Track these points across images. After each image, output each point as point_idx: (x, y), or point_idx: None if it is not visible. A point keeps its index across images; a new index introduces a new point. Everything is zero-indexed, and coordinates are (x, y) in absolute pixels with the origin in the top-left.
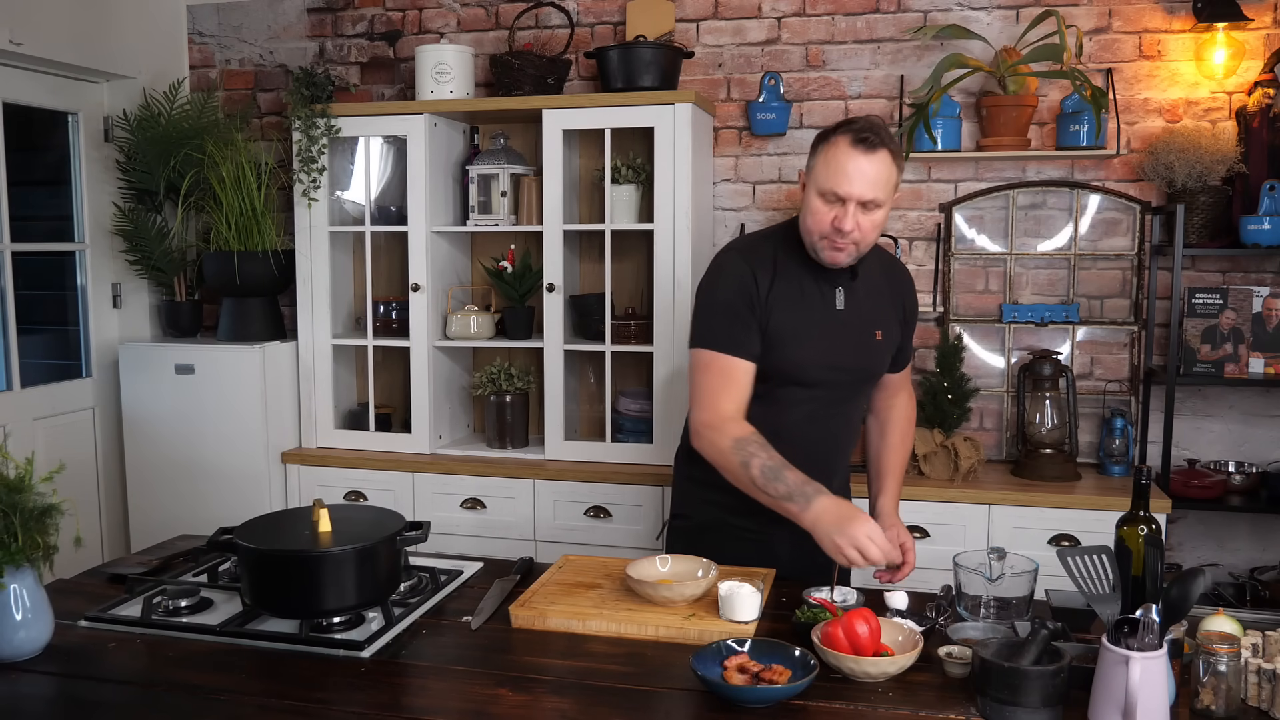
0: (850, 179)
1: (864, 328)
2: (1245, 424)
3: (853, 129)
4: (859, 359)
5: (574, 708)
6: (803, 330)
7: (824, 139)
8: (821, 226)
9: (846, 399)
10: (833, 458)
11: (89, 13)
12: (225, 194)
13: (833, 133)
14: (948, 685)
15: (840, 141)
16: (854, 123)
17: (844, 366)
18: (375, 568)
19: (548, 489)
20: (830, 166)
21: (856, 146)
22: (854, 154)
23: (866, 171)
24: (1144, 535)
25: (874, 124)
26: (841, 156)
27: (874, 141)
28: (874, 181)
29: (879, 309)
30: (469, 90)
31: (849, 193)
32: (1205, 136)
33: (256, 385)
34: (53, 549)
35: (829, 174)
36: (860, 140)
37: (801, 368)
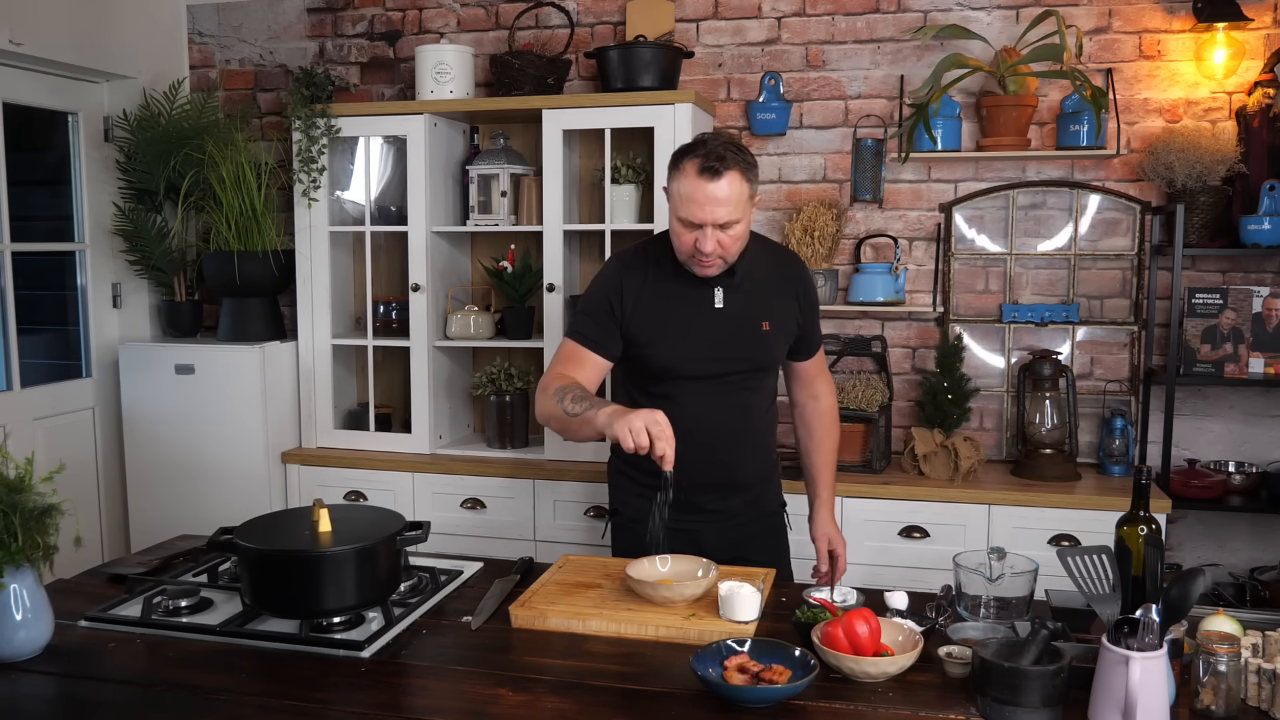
0: (701, 207)
1: (748, 321)
2: (1245, 424)
3: (699, 155)
4: (744, 350)
5: (574, 708)
6: (674, 328)
7: (675, 164)
8: (685, 248)
9: (742, 389)
10: (736, 448)
11: (89, 13)
12: (225, 194)
13: (682, 157)
14: (948, 685)
15: (688, 170)
16: (701, 145)
17: (728, 357)
18: (375, 568)
19: (548, 489)
20: (683, 195)
21: (703, 176)
22: (701, 183)
23: (717, 196)
24: (1144, 535)
25: (722, 147)
26: (690, 186)
27: (719, 168)
28: (726, 204)
29: (767, 302)
30: (469, 90)
31: (702, 219)
32: (1205, 136)
33: (256, 385)
34: (53, 549)
35: (682, 202)
36: (706, 169)
37: (679, 362)
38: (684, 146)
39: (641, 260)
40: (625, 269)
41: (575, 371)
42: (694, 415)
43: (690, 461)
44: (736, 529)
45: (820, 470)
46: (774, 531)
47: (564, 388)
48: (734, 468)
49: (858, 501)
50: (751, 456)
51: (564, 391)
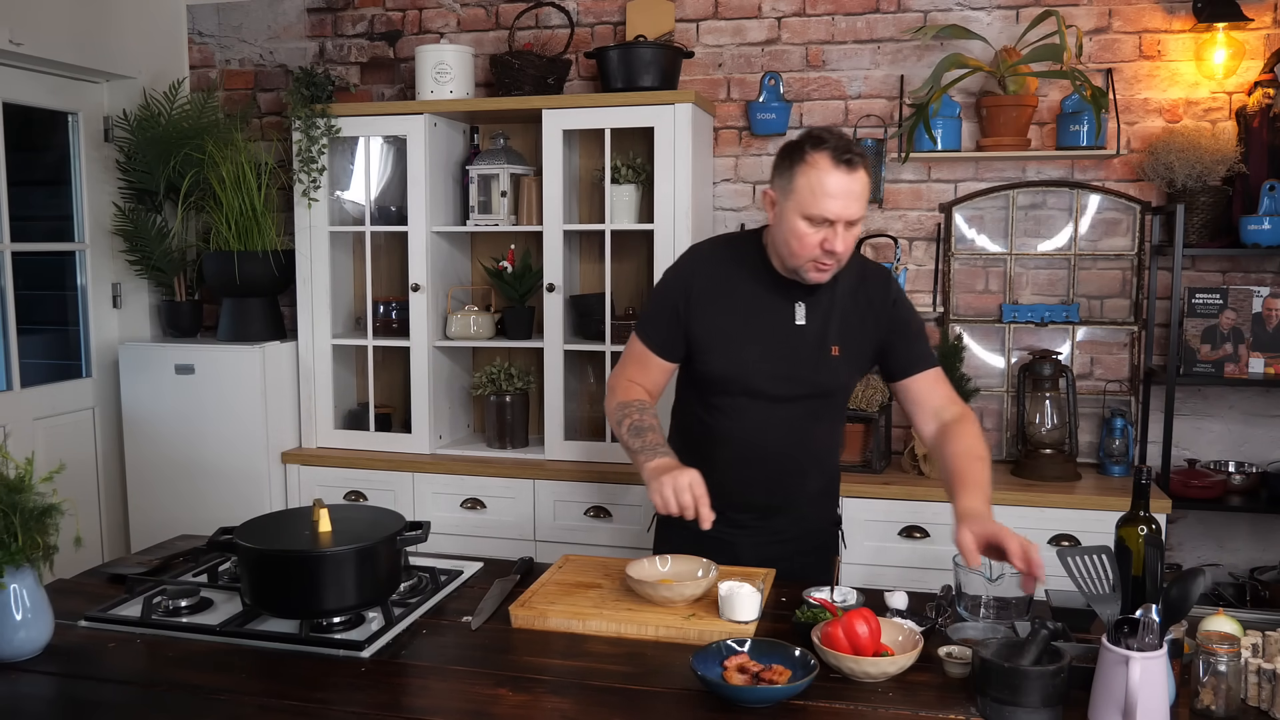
0: (838, 200)
1: (821, 343)
2: (1245, 424)
3: (830, 147)
4: (811, 373)
5: (574, 708)
6: (744, 340)
7: (798, 157)
8: (809, 250)
9: (803, 412)
10: (787, 471)
11: (89, 13)
12: (225, 194)
13: (806, 150)
14: (948, 685)
15: (820, 162)
16: (824, 139)
17: (794, 379)
18: (375, 568)
19: (548, 489)
20: (814, 189)
21: (840, 167)
22: (837, 174)
23: (852, 191)
24: (1144, 535)
25: (846, 139)
26: (825, 178)
27: (854, 160)
28: (860, 199)
29: (841, 323)
30: (469, 90)
31: (838, 215)
32: (1205, 136)
33: (256, 385)
34: (53, 549)
35: (814, 197)
36: (843, 161)
37: (740, 376)
38: (800, 139)
39: (723, 257)
40: (700, 267)
41: (641, 374)
42: (748, 434)
43: (737, 480)
44: (776, 545)
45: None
46: (820, 549)
47: (625, 406)
48: (783, 491)
49: (858, 501)
50: (802, 480)
51: (625, 412)
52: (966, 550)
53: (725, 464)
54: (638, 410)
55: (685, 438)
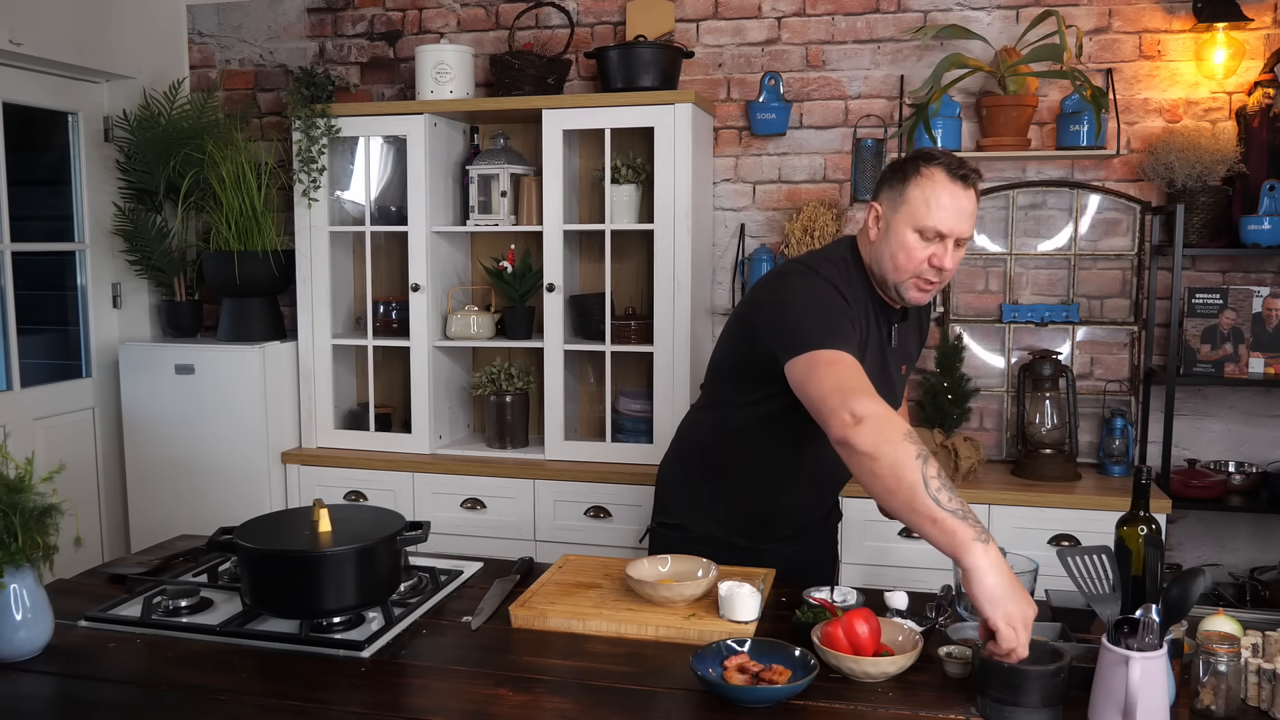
0: (954, 215)
1: (899, 364)
2: (1245, 424)
3: (945, 163)
4: (893, 394)
5: (574, 708)
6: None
7: (912, 170)
8: (916, 265)
9: None
10: (838, 492)
11: (89, 13)
12: (225, 194)
13: (920, 164)
14: (948, 685)
15: (937, 175)
16: (938, 156)
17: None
18: (375, 568)
19: (548, 489)
20: (930, 201)
21: (956, 181)
22: (954, 189)
23: (966, 207)
24: (1144, 535)
25: (957, 157)
26: (942, 192)
27: (970, 177)
28: (970, 219)
29: (909, 343)
30: (469, 90)
31: (952, 229)
32: (1205, 136)
33: (256, 385)
34: (53, 549)
35: (929, 210)
36: (960, 176)
37: None
38: (915, 156)
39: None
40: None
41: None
42: (828, 460)
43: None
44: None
45: None
46: (827, 544)
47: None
48: (829, 505)
49: (858, 502)
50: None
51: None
52: None
53: (791, 486)
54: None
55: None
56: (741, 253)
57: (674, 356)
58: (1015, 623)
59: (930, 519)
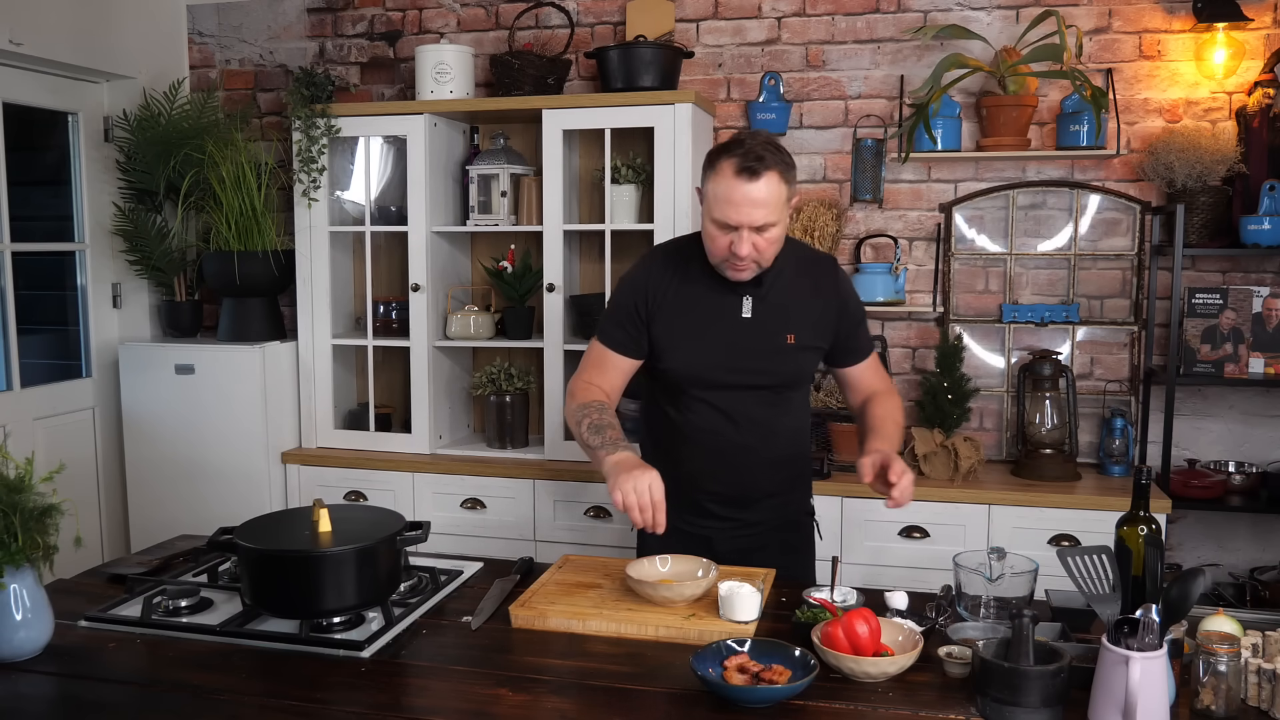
0: (739, 208)
1: (773, 334)
2: (1245, 424)
3: (736, 154)
4: (766, 364)
5: (574, 708)
6: (695, 336)
7: (710, 163)
8: (719, 251)
9: (763, 404)
10: (753, 463)
11: (89, 13)
12: (225, 194)
13: (718, 157)
14: (948, 685)
15: (725, 169)
16: (739, 145)
17: (749, 370)
18: (375, 568)
19: (548, 489)
20: (718, 196)
21: (741, 175)
22: (739, 183)
23: (755, 197)
24: (1144, 535)
25: (759, 145)
26: (727, 186)
27: (757, 168)
28: (763, 205)
29: (794, 312)
30: (469, 90)
31: (739, 221)
32: (1205, 136)
33: (256, 385)
34: (53, 549)
35: (718, 204)
36: (744, 169)
37: (697, 372)
38: (720, 145)
39: (674, 260)
40: (654, 268)
41: (600, 377)
42: (710, 427)
43: (703, 473)
44: (750, 537)
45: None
46: (795, 539)
47: (585, 407)
48: (750, 482)
49: (858, 501)
50: (771, 471)
51: (584, 413)
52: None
53: (691, 458)
54: (596, 410)
55: (653, 436)
56: None
57: None
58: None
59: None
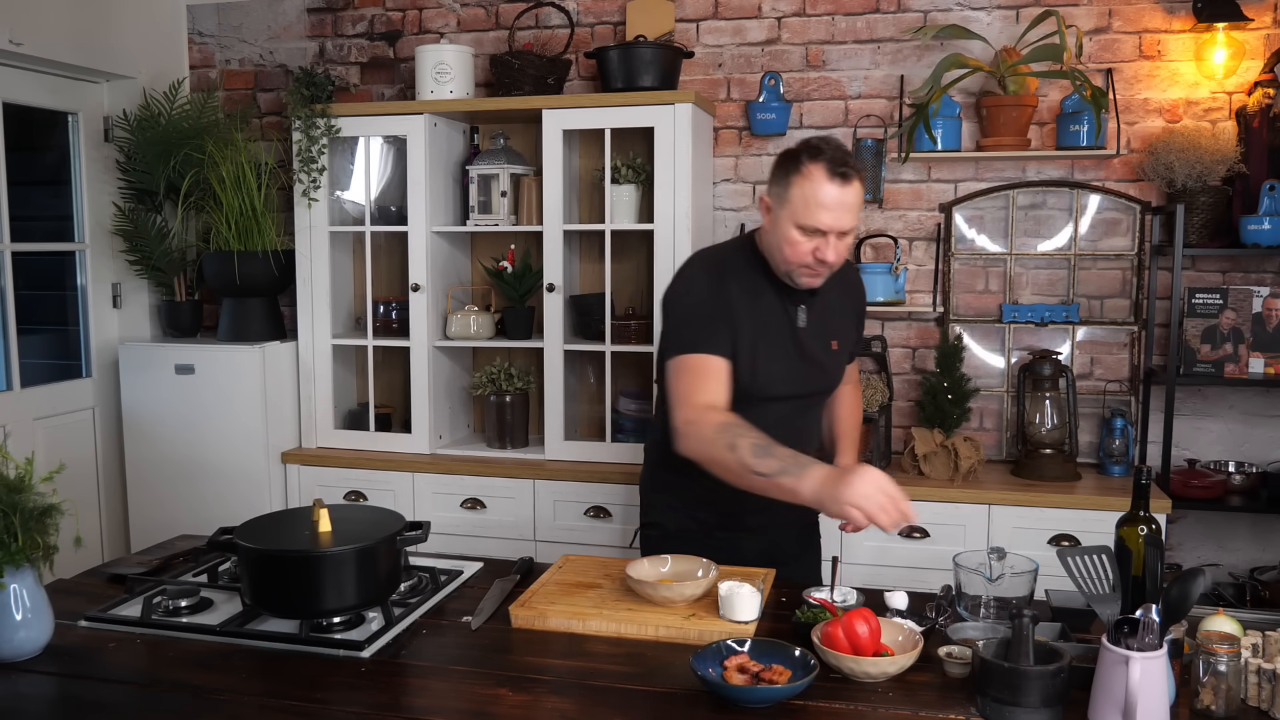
0: (832, 212)
1: (823, 341)
2: (1245, 424)
3: (826, 158)
4: (820, 374)
5: (574, 708)
6: (763, 349)
7: (794, 167)
8: (801, 257)
9: (805, 411)
10: None
11: (89, 13)
12: (225, 194)
13: (802, 160)
14: (948, 685)
15: (815, 173)
16: (822, 150)
17: (804, 379)
18: (375, 568)
19: (548, 489)
20: (809, 200)
21: (834, 179)
22: (832, 187)
23: (847, 202)
24: (1144, 535)
25: (843, 150)
26: (820, 190)
27: (849, 173)
28: (852, 211)
29: (835, 319)
30: (469, 90)
31: (831, 226)
32: (1205, 136)
33: (256, 385)
34: (53, 549)
35: (808, 209)
36: (838, 173)
37: (762, 386)
38: (798, 150)
39: (735, 269)
40: (720, 276)
41: (709, 386)
42: None
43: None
44: (774, 542)
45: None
46: (809, 540)
47: (729, 428)
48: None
49: None
50: None
51: (735, 435)
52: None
53: None
54: (744, 428)
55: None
56: None
57: None
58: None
59: (764, 487)
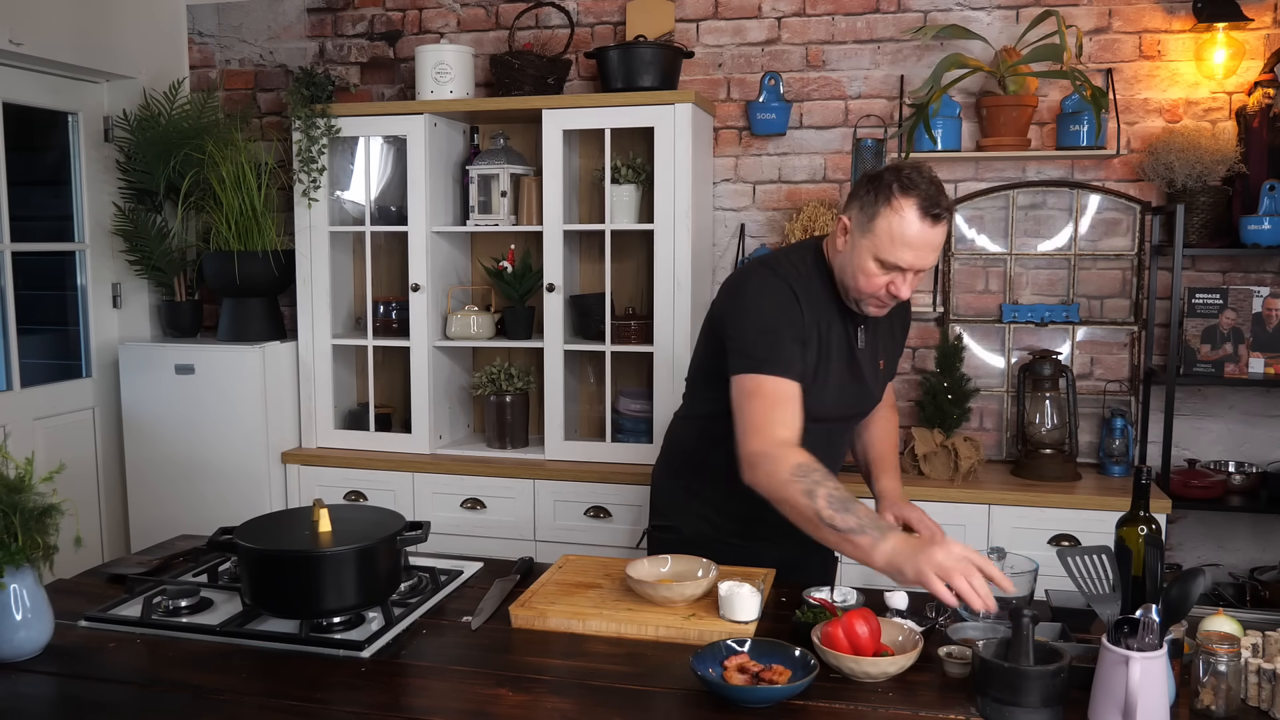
0: (918, 252)
1: (873, 362)
2: (1245, 424)
3: (920, 194)
4: (868, 393)
5: (574, 708)
6: (823, 369)
7: (885, 198)
8: (875, 289)
9: (843, 431)
10: None
11: (89, 13)
12: (225, 194)
13: (894, 193)
14: (948, 685)
15: (907, 211)
16: (917, 185)
17: (855, 401)
18: (375, 568)
19: (548, 489)
20: (895, 237)
21: (926, 220)
22: (923, 227)
23: (935, 243)
24: (1144, 535)
25: (936, 185)
26: (910, 229)
27: (942, 215)
28: (937, 251)
29: (885, 339)
30: (469, 90)
31: (912, 264)
32: (1205, 136)
33: (256, 385)
34: (53, 549)
35: (893, 245)
36: (930, 214)
37: (819, 405)
38: (890, 178)
39: (806, 283)
40: (800, 293)
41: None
42: None
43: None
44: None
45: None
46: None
47: (808, 472)
48: None
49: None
50: None
51: (814, 483)
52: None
53: None
54: (824, 475)
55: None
56: (742, 253)
57: (674, 357)
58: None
59: (836, 542)
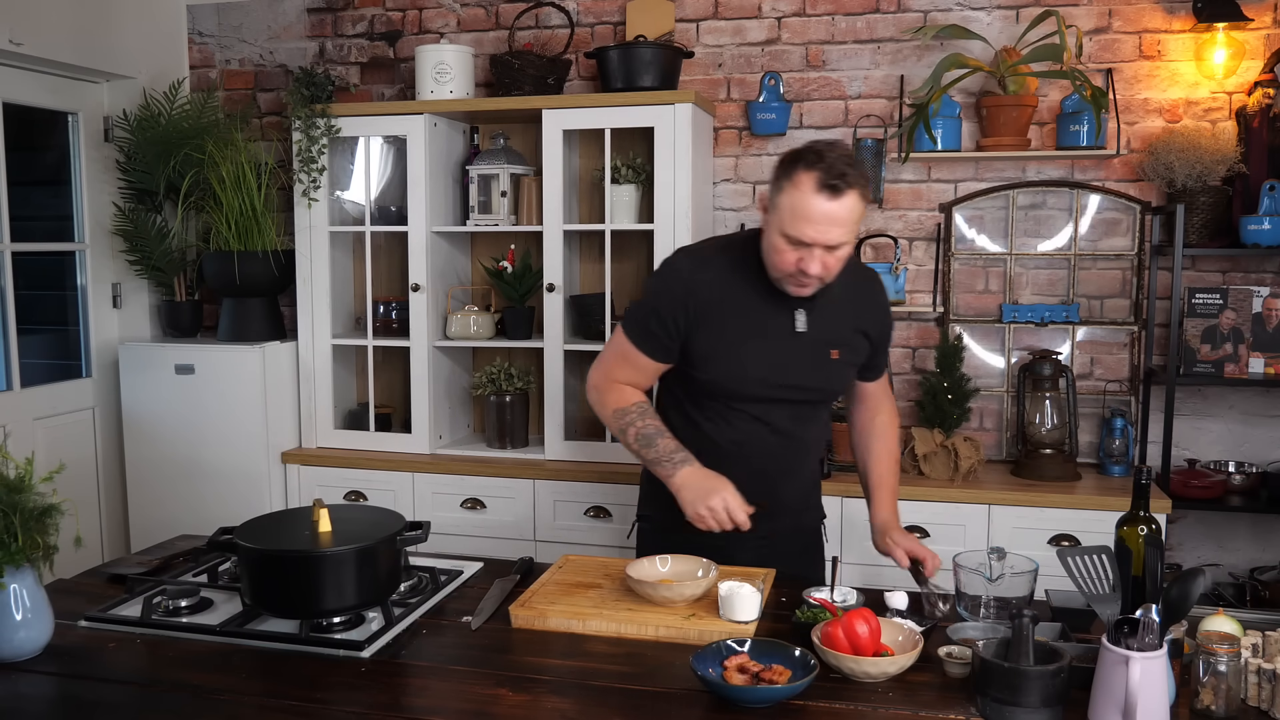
0: (815, 226)
1: (822, 348)
2: (1245, 424)
3: (820, 168)
4: (811, 379)
5: (574, 708)
6: (742, 348)
7: (787, 174)
8: (785, 267)
9: (803, 418)
10: (782, 476)
11: (89, 13)
12: (225, 194)
13: (796, 167)
14: (948, 685)
15: (805, 184)
16: (820, 157)
17: (793, 385)
18: (375, 568)
19: (548, 489)
20: (795, 211)
21: (822, 193)
22: (819, 200)
23: (835, 217)
24: (1144, 535)
25: (841, 161)
26: (807, 202)
27: (840, 186)
28: (842, 225)
29: (838, 327)
30: (469, 90)
31: (814, 239)
32: (1205, 136)
33: (256, 385)
34: (53, 549)
35: (793, 219)
36: (827, 186)
37: (740, 384)
38: (797, 155)
39: (720, 267)
40: (699, 272)
41: (629, 375)
42: (743, 440)
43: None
44: (769, 547)
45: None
46: (808, 548)
47: (624, 412)
48: (777, 495)
49: (858, 502)
50: (797, 484)
51: (627, 420)
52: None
53: (719, 468)
54: (638, 415)
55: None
56: None
57: None
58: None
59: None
